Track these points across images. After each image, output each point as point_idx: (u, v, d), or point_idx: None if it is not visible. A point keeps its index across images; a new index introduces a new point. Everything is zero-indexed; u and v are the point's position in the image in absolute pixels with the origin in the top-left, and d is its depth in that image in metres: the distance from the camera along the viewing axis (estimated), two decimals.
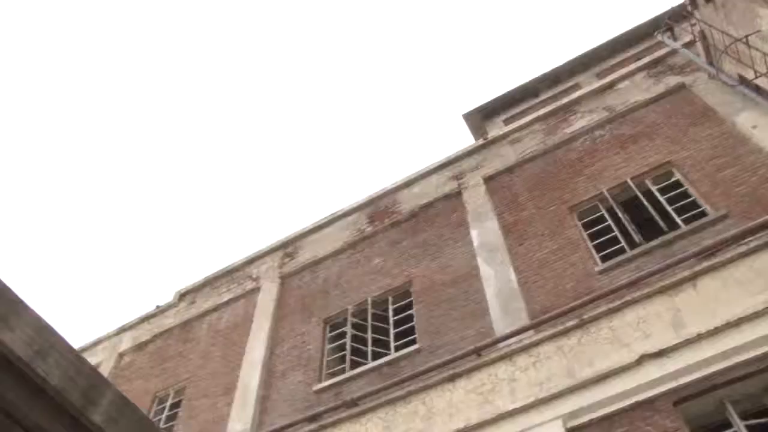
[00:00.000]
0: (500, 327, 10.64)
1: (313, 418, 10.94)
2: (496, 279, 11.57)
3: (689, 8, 13.16)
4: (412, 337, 11.73)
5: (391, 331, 12.12)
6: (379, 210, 15.49)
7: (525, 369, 9.52)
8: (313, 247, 15.60)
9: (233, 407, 12.38)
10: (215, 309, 15.68)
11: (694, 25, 13.18)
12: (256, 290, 15.31)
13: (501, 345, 10.20)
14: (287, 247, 16.17)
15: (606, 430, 8.35)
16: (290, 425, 11.13)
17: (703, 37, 12.99)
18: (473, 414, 9.39)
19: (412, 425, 9.78)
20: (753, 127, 11.33)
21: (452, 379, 10.04)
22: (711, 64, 13.05)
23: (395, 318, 12.43)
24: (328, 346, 12.84)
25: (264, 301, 14.72)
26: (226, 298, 15.80)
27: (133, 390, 14.36)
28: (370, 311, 12.81)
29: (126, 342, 16.67)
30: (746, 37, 11.04)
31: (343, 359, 12.28)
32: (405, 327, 12.08)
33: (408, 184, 15.68)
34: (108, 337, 17.21)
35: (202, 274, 17.62)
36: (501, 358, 9.90)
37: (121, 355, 16.34)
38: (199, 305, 16.15)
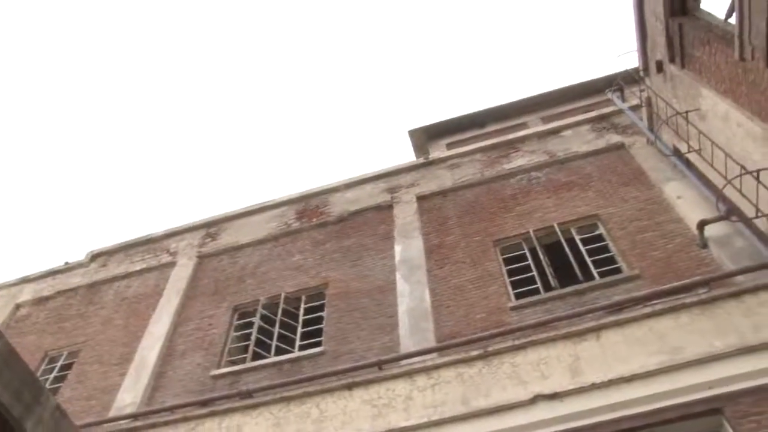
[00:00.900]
0: (406, 344, 10.76)
1: (204, 403, 10.80)
2: (411, 297, 11.70)
3: (641, 74, 13.67)
4: (318, 339, 11.72)
5: (299, 330, 12.09)
6: (309, 208, 15.47)
7: (423, 389, 9.65)
8: (236, 232, 15.44)
9: (126, 378, 12.09)
10: (126, 276, 15.31)
11: (643, 90, 13.70)
12: (171, 265, 15.03)
13: (404, 362, 10.32)
14: (210, 227, 15.94)
15: None
16: (181, 406, 10.95)
17: (649, 103, 13.52)
18: (365, 425, 9.45)
19: (302, 426, 9.76)
20: (678, 198, 11.88)
21: (350, 387, 10.08)
22: (651, 130, 13.60)
23: (305, 317, 12.41)
24: (234, 334, 12.71)
25: (177, 277, 14.47)
26: (139, 267, 15.46)
27: (25, 344, 13.86)
28: (281, 306, 12.75)
29: (26, 294, 16.08)
30: (687, 112, 11.56)
31: (245, 349, 12.16)
32: (313, 328, 12.07)
33: (342, 187, 15.72)
34: (7, 286, 16.57)
35: (119, 239, 17.10)
36: (402, 375, 10.01)
37: (17, 306, 15.76)
38: (110, 269, 15.74)
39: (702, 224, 10.75)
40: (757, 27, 8.80)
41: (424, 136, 22.39)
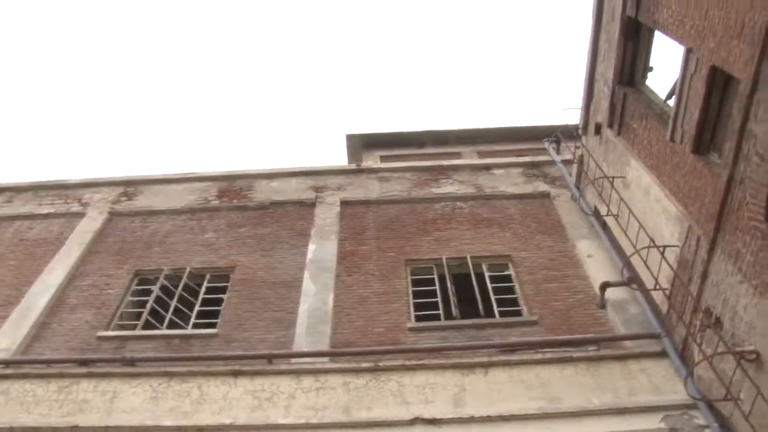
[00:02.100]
0: (300, 343, 10.76)
1: (84, 363, 10.48)
2: (314, 297, 11.72)
3: (580, 131, 14.16)
4: (214, 320, 11.55)
5: (197, 308, 11.88)
6: (232, 189, 15.28)
7: (308, 391, 9.68)
8: (154, 197, 15.08)
9: (6, 322, 11.56)
10: (30, 217, 14.68)
11: (578, 148, 14.20)
12: (80, 215, 14.52)
13: (294, 360, 10.33)
14: (129, 186, 15.50)
15: None
16: (58, 361, 10.58)
17: (581, 161, 14.01)
18: (242, 415, 9.39)
19: (180, 404, 9.61)
20: (588, 256, 12.37)
21: (236, 374, 10.00)
22: (578, 187, 14.11)
23: (205, 296, 12.22)
24: (129, 298, 12.39)
25: (84, 229, 14.00)
26: (46, 210, 14.86)
27: None
28: (184, 280, 12.52)
29: None
30: (613, 178, 12.05)
31: (138, 316, 11.87)
32: (211, 308, 11.90)
33: (269, 175, 15.61)
34: None
35: (31, 177, 16.42)
36: (289, 373, 10.01)
37: None
38: (15, 207, 15.07)
39: (604, 286, 11.22)
40: (691, 114, 9.28)
41: (361, 143, 22.47)
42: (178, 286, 12.38)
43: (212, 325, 11.45)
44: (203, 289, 12.38)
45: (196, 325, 11.53)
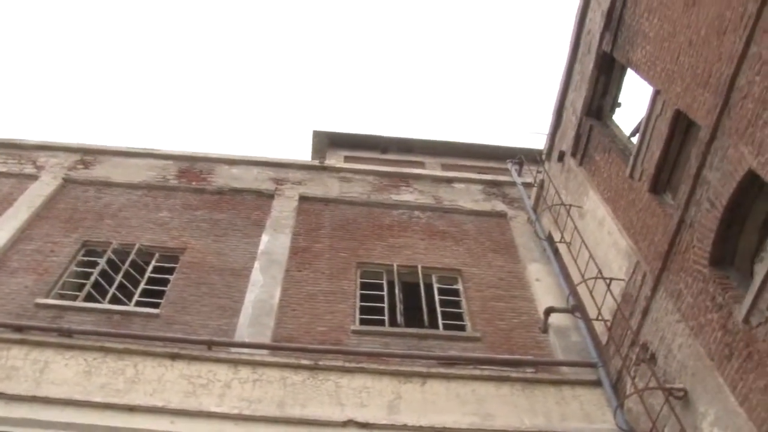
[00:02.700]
0: (242, 333, 10.70)
1: (19, 329, 10.22)
2: (262, 289, 11.66)
3: (544, 156, 14.38)
4: (158, 300, 11.40)
5: (141, 286, 11.71)
6: (192, 170, 15.11)
7: (244, 382, 9.63)
8: (112, 168, 14.80)
9: None
10: None
11: (540, 173, 14.41)
12: (32, 178, 14.17)
13: (234, 350, 10.27)
14: (87, 154, 15.19)
15: None
16: None
17: (541, 186, 14.23)
18: (175, 399, 9.30)
19: (113, 381, 9.47)
20: (536, 279, 12.56)
21: (174, 357, 9.91)
22: (535, 211, 14.32)
23: (152, 275, 12.05)
24: (73, 268, 12.14)
25: (35, 192, 13.66)
26: None
27: None
28: (132, 256, 12.33)
29: None
30: (570, 206, 12.27)
31: (81, 287, 11.64)
32: (156, 288, 11.74)
33: (231, 161, 15.48)
34: None
35: None
36: (228, 361, 9.96)
37: None
38: None
39: (549, 311, 11.41)
40: (652, 154, 9.51)
41: (327, 141, 22.47)
42: (125, 262, 12.20)
43: (155, 305, 11.29)
44: (150, 268, 12.20)
45: (138, 303, 11.36)
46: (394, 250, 13.24)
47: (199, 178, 14.91)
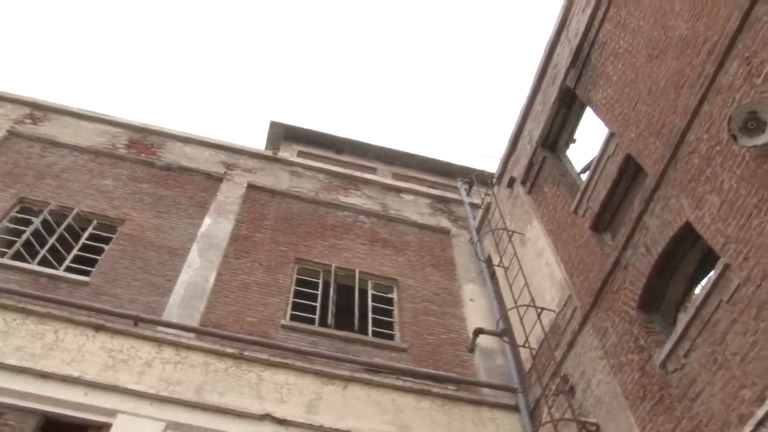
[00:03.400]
0: (171, 312, 10.55)
1: None
2: (197, 272, 11.52)
3: (494, 180, 14.58)
4: (89, 268, 11.14)
5: (75, 252, 11.45)
6: (143, 142, 14.81)
7: (166, 362, 9.51)
8: (61, 128, 14.37)
9: None
10: None
11: (488, 195, 14.60)
12: None
13: (160, 329, 10.11)
14: (37, 109, 14.71)
15: None
16: None
17: (487, 209, 14.42)
18: (92, 371, 9.11)
19: (29, 345, 9.22)
20: (470, 299, 12.73)
21: (97, 329, 9.70)
22: (478, 232, 14.51)
23: (87, 242, 11.79)
24: (5, 224, 11.77)
25: None
26: None
27: None
28: (69, 220, 12.03)
29: None
30: (513, 232, 12.47)
31: (10, 244, 11.29)
32: (89, 256, 11.48)
33: (184, 139, 15.22)
34: None
35: None
36: (152, 340, 9.82)
37: None
38: None
39: (478, 331, 11.57)
40: (599, 193, 9.75)
41: (282, 133, 22.29)
42: (61, 225, 11.89)
43: (86, 273, 11.04)
44: (86, 234, 11.93)
45: (69, 269, 11.09)
46: (334, 251, 13.24)
47: (149, 150, 14.64)
